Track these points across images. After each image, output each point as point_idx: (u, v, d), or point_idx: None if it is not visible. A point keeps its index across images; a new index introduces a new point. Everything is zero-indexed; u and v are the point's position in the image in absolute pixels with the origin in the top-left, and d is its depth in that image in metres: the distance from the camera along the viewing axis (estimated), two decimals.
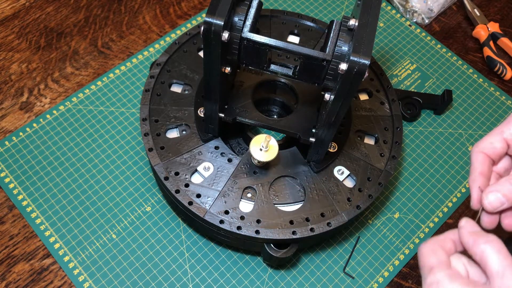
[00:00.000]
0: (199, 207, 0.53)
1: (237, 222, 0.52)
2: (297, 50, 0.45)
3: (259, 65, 0.49)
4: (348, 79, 0.43)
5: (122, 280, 0.56)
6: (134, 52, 0.72)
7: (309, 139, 0.54)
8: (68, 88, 0.69)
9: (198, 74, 0.62)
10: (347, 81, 0.43)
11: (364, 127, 0.61)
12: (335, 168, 0.57)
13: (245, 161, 0.56)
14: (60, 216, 0.59)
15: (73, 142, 0.64)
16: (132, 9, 0.76)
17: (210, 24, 0.42)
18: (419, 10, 0.80)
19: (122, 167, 0.63)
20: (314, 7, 0.80)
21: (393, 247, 0.61)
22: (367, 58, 0.41)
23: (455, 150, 0.70)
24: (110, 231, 0.59)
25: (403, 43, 0.78)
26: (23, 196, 0.60)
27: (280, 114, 0.63)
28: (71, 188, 0.61)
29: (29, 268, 0.57)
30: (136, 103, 0.68)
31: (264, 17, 0.66)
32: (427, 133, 0.70)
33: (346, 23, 0.45)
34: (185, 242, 0.59)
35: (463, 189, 0.66)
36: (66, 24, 0.74)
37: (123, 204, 0.61)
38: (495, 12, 0.83)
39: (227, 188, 0.54)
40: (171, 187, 0.53)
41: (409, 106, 0.70)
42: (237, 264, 0.59)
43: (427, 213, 0.64)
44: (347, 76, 0.43)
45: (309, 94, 0.59)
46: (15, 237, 0.58)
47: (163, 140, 0.57)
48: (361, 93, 0.64)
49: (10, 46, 0.71)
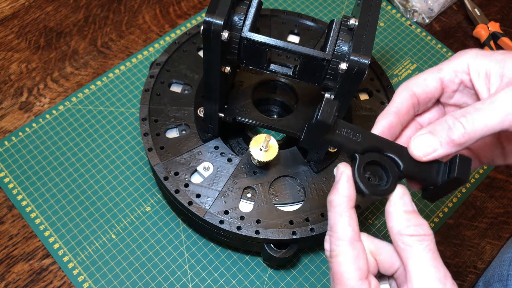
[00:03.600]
0: (199, 207, 0.52)
1: (237, 222, 0.52)
2: (297, 49, 0.45)
3: (259, 65, 0.49)
4: (348, 79, 0.43)
5: (122, 280, 0.56)
6: (133, 52, 0.72)
7: None
8: (68, 88, 0.68)
9: (198, 74, 0.61)
10: (347, 80, 0.43)
11: (364, 127, 0.60)
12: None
13: (245, 161, 0.56)
14: (60, 216, 0.59)
15: (72, 142, 0.64)
16: (131, 9, 0.76)
17: (210, 23, 0.42)
18: (420, 9, 0.80)
19: (122, 167, 0.63)
20: (314, 7, 0.80)
21: None
22: (367, 58, 0.41)
23: None
24: (110, 231, 0.59)
25: (403, 42, 0.78)
26: (23, 196, 0.60)
27: (280, 114, 0.63)
28: (71, 188, 0.61)
29: (29, 268, 0.56)
30: (135, 103, 0.68)
31: (264, 16, 0.66)
32: None
33: (346, 23, 0.45)
34: (185, 242, 0.59)
35: (463, 189, 0.66)
36: (66, 24, 0.74)
37: (123, 204, 0.61)
38: (496, 12, 0.83)
39: (227, 188, 0.54)
40: (170, 187, 0.53)
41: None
42: (237, 264, 0.58)
43: (427, 213, 0.64)
44: (347, 76, 0.43)
45: (309, 94, 0.59)
46: (15, 237, 0.58)
47: (162, 140, 0.57)
48: (361, 93, 0.64)
49: (9, 46, 0.71)
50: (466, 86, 0.37)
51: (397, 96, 0.37)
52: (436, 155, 0.34)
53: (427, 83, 0.37)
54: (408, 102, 0.37)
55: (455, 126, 0.33)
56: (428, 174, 0.35)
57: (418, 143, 0.35)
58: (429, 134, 0.34)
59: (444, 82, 0.37)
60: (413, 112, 0.38)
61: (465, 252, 0.62)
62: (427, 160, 0.35)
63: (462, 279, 0.61)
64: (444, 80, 0.37)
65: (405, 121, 0.38)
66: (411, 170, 0.35)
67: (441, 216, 0.64)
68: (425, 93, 0.37)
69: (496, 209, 0.66)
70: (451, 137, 0.33)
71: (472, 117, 0.33)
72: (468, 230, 0.64)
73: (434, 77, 0.37)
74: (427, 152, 0.34)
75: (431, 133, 0.34)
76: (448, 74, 0.37)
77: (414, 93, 0.37)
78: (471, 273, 0.61)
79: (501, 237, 0.64)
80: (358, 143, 0.35)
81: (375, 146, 0.35)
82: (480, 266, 0.62)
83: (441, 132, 0.34)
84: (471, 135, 0.33)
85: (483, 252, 0.63)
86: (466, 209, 0.65)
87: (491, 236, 0.64)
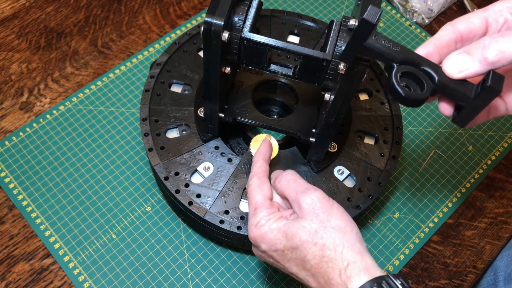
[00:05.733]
0: (199, 207, 0.53)
1: (237, 222, 0.52)
2: (297, 50, 0.45)
3: (259, 65, 0.49)
4: (348, 79, 0.43)
5: (122, 280, 0.56)
6: (134, 52, 0.72)
7: (309, 139, 0.54)
8: (68, 88, 0.69)
9: (198, 74, 0.62)
10: (347, 81, 0.43)
11: (364, 127, 0.61)
12: (335, 168, 0.57)
13: (245, 161, 0.56)
14: (60, 216, 0.59)
15: (73, 142, 0.64)
16: (132, 9, 0.76)
17: (210, 24, 0.42)
18: (419, 10, 0.80)
19: (122, 167, 0.63)
20: (314, 7, 0.80)
21: (393, 247, 0.61)
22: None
23: (455, 150, 0.70)
24: (110, 231, 0.59)
25: (403, 43, 0.78)
26: (23, 196, 0.60)
27: (280, 114, 0.63)
28: (71, 188, 0.61)
29: (29, 268, 0.57)
30: (136, 103, 0.68)
31: (264, 17, 0.66)
32: (427, 133, 0.70)
33: (346, 23, 0.45)
34: (185, 242, 0.59)
35: (463, 189, 0.67)
36: (66, 24, 0.74)
37: (123, 204, 0.61)
38: None
39: (227, 188, 0.54)
40: (171, 187, 0.53)
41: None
42: (237, 264, 0.59)
43: (427, 213, 0.64)
44: (347, 76, 0.43)
45: (309, 94, 0.59)
46: (15, 237, 0.58)
47: (163, 140, 0.57)
48: (361, 93, 0.64)
49: (10, 46, 0.71)
50: (510, 27, 0.38)
51: (441, 30, 0.38)
52: (469, 73, 0.36)
53: (471, 20, 0.38)
54: (450, 36, 0.38)
55: (490, 45, 0.35)
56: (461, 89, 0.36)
57: (453, 61, 0.36)
58: (464, 53, 0.36)
59: (488, 20, 0.38)
60: (454, 47, 0.39)
61: (465, 252, 0.62)
62: (460, 78, 0.36)
63: (462, 279, 0.61)
64: (488, 18, 0.38)
65: (444, 54, 0.38)
66: (445, 83, 0.36)
67: (441, 216, 0.64)
68: (469, 29, 0.38)
69: (496, 209, 0.66)
70: (485, 55, 0.35)
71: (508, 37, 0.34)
72: (468, 230, 0.64)
73: (479, 15, 0.38)
74: (460, 69, 0.36)
75: (466, 52, 0.36)
76: (493, 13, 0.38)
77: (458, 28, 0.38)
78: (471, 273, 0.61)
79: (501, 237, 0.64)
80: (396, 53, 0.36)
81: (412, 60, 0.36)
82: (480, 266, 0.62)
83: (476, 50, 0.35)
84: (506, 54, 0.34)
85: (483, 252, 0.63)
86: (466, 209, 0.65)
87: (491, 236, 0.64)
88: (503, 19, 0.38)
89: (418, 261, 0.61)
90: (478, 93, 0.36)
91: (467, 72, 0.36)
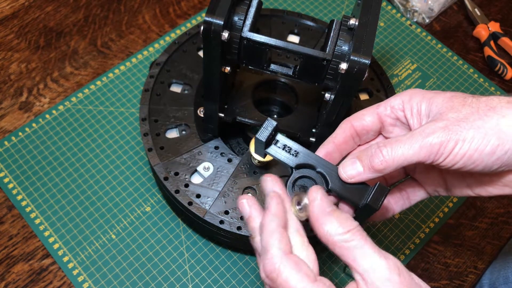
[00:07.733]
0: (199, 207, 0.52)
1: (237, 222, 0.52)
2: (297, 49, 0.45)
3: (259, 65, 0.49)
4: (348, 79, 0.43)
5: (122, 280, 0.56)
6: (133, 52, 0.72)
7: (310, 139, 0.54)
8: (68, 88, 0.68)
9: (198, 74, 0.61)
10: (347, 80, 0.43)
11: None
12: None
13: (245, 161, 0.56)
14: (60, 216, 0.59)
15: (72, 142, 0.64)
16: (131, 9, 0.76)
17: (210, 23, 0.42)
18: (420, 9, 0.80)
19: (122, 167, 0.63)
20: (314, 7, 0.80)
21: (393, 247, 0.61)
22: (368, 58, 0.41)
23: None
24: (110, 231, 0.59)
25: (404, 42, 0.78)
26: (22, 196, 0.60)
27: (280, 114, 0.63)
28: (71, 188, 0.61)
29: (28, 269, 0.56)
30: (135, 103, 0.68)
31: (264, 16, 0.66)
32: None
33: (347, 23, 0.45)
34: (185, 242, 0.59)
35: None
36: (66, 24, 0.74)
37: (123, 204, 0.61)
38: (496, 12, 0.83)
39: (227, 188, 0.54)
40: (170, 187, 0.53)
41: None
42: (237, 264, 0.58)
43: (427, 213, 0.64)
44: (347, 76, 0.43)
45: (309, 94, 0.59)
46: (14, 237, 0.58)
47: (162, 140, 0.57)
48: (361, 93, 0.64)
49: (9, 46, 0.71)
50: (402, 122, 0.40)
51: (338, 127, 0.41)
52: (359, 179, 0.38)
53: (364, 117, 0.40)
54: (347, 133, 0.41)
55: (376, 154, 0.36)
56: (352, 195, 0.39)
57: (345, 167, 0.38)
58: (356, 159, 0.38)
59: (381, 116, 0.40)
60: (353, 142, 0.41)
61: (466, 252, 0.62)
62: (351, 182, 0.38)
63: (463, 279, 0.61)
64: (381, 115, 0.40)
65: (344, 150, 0.41)
66: (337, 189, 0.39)
67: (442, 216, 0.64)
68: (362, 125, 0.40)
69: (497, 209, 0.66)
70: (372, 163, 0.37)
71: (392, 147, 0.36)
72: (469, 230, 0.64)
73: (372, 112, 0.40)
74: (351, 174, 0.38)
75: (358, 158, 0.38)
76: (385, 109, 0.40)
77: (353, 125, 0.40)
78: (472, 273, 0.61)
79: (502, 237, 0.64)
80: (294, 160, 0.40)
81: (310, 164, 0.39)
82: (481, 266, 0.62)
83: (365, 158, 0.37)
84: (389, 163, 0.36)
85: (484, 252, 0.62)
86: (466, 209, 0.65)
87: (492, 236, 0.64)
88: (394, 116, 0.40)
89: (419, 262, 0.61)
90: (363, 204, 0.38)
91: (358, 178, 0.38)
